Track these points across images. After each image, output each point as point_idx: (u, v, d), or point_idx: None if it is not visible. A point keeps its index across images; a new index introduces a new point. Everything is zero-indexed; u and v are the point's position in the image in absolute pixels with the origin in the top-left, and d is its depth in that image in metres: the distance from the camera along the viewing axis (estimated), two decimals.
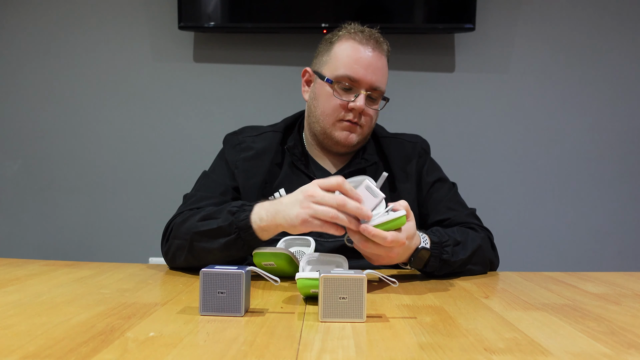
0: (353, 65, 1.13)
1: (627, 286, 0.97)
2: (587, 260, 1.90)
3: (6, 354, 0.53)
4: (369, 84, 1.14)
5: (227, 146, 1.25)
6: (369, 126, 1.19)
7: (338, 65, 1.15)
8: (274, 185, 1.18)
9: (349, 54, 1.14)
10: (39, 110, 1.91)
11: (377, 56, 1.15)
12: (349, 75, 1.13)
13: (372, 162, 1.21)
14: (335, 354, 0.55)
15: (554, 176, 1.90)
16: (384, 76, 1.17)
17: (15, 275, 0.96)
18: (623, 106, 1.89)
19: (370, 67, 1.14)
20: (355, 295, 0.68)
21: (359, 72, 1.13)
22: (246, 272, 0.71)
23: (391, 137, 1.28)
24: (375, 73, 1.14)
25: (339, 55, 1.16)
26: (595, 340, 0.62)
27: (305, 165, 1.20)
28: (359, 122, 1.16)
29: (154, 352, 0.55)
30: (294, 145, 1.21)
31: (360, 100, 1.13)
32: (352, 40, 1.15)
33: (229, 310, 0.70)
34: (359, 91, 1.14)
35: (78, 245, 1.91)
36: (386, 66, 1.18)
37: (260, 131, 1.25)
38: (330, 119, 1.16)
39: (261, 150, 1.21)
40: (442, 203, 1.19)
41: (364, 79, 1.13)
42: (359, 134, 1.17)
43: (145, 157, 1.90)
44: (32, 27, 1.89)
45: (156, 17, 1.88)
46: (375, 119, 1.21)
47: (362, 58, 1.14)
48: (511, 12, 1.88)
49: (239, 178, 1.18)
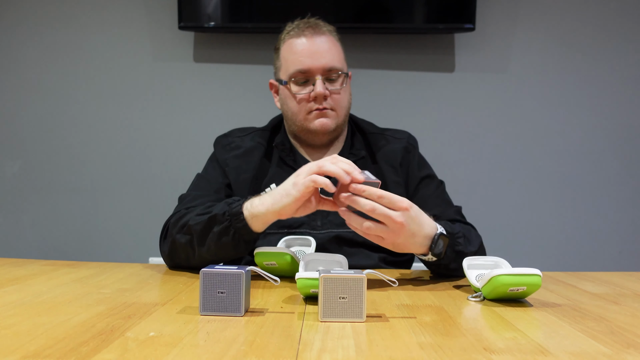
0: (298, 59, 1.17)
1: (627, 286, 0.97)
2: (586, 260, 1.90)
3: (6, 354, 0.53)
4: (321, 68, 1.16)
5: (217, 147, 1.28)
6: (342, 106, 1.21)
7: (287, 66, 1.19)
8: (265, 181, 1.20)
9: (292, 51, 1.18)
10: (39, 110, 1.91)
11: (318, 39, 1.18)
12: (298, 69, 1.17)
13: (360, 157, 1.23)
14: (335, 354, 0.55)
15: (554, 176, 1.90)
16: (334, 55, 1.19)
17: (15, 275, 0.96)
18: (623, 106, 1.89)
19: (314, 53, 1.16)
20: (355, 295, 0.68)
21: (306, 62, 1.16)
22: (246, 272, 0.71)
23: (379, 133, 1.30)
24: (323, 56, 1.17)
25: (284, 56, 1.21)
26: (595, 340, 0.62)
27: (294, 160, 1.22)
28: (327, 107, 1.18)
29: (154, 352, 0.55)
30: (282, 142, 1.24)
31: (318, 86, 1.16)
32: (291, 38, 1.19)
33: (229, 310, 0.70)
34: (314, 79, 1.17)
35: (78, 245, 1.91)
36: (334, 43, 1.20)
37: (248, 131, 1.29)
38: (301, 115, 1.19)
39: (250, 148, 1.24)
40: (430, 199, 1.19)
41: (313, 65, 1.16)
42: (333, 117, 1.19)
43: (145, 157, 1.90)
44: (31, 27, 1.89)
45: (156, 17, 1.88)
46: (347, 98, 1.23)
47: (303, 49, 1.17)
48: (511, 12, 1.88)
49: (230, 175, 1.21)
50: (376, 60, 1.88)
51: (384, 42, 1.87)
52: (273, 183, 1.18)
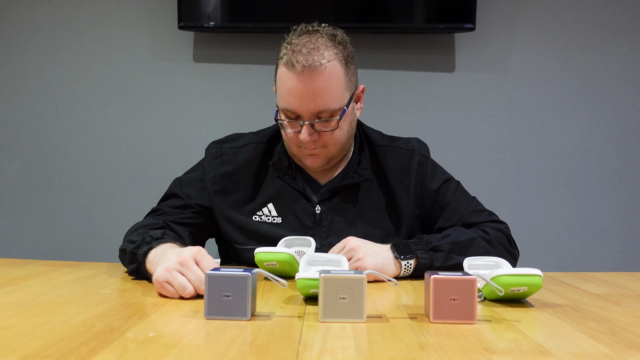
0: (287, 97, 1.05)
1: (628, 286, 0.97)
2: (587, 260, 1.90)
3: (6, 354, 0.53)
4: (309, 112, 1.05)
5: (208, 157, 1.20)
6: (335, 143, 1.10)
7: (279, 96, 1.09)
8: (259, 198, 1.15)
9: (283, 84, 1.06)
10: (38, 110, 1.90)
11: (311, 76, 1.03)
12: (287, 108, 1.06)
13: (365, 178, 1.15)
14: (336, 354, 0.55)
15: (554, 176, 1.90)
16: (327, 95, 1.05)
17: (15, 275, 0.96)
18: (623, 106, 1.89)
19: (303, 95, 1.04)
20: (355, 295, 0.68)
21: (294, 104, 1.05)
22: (252, 274, 0.70)
23: (387, 145, 1.21)
24: (313, 99, 1.04)
25: (278, 84, 1.09)
26: (596, 341, 0.62)
27: (293, 178, 1.15)
28: (317, 147, 1.09)
29: (154, 352, 0.55)
30: (279, 159, 1.15)
31: (303, 133, 1.06)
32: (284, 66, 1.05)
33: (234, 314, 0.68)
34: (302, 121, 1.06)
35: (78, 246, 1.91)
36: (331, 77, 1.05)
37: (244, 142, 1.20)
38: (293, 148, 1.12)
39: (242, 164, 1.16)
40: (448, 207, 1.16)
41: (300, 109, 1.05)
42: (324, 155, 1.10)
43: (144, 157, 1.90)
44: (31, 27, 1.89)
45: (156, 17, 1.88)
46: (343, 131, 1.11)
47: (293, 87, 1.04)
48: (511, 12, 1.88)
49: (217, 196, 1.15)
50: (376, 60, 1.88)
51: (384, 42, 1.87)
52: (270, 203, 1.14)
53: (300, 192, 1.14)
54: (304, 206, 1.14)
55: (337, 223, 1.13)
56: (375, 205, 1.16)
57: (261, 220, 1.14)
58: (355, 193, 1.16)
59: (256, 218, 1.14)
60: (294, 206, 1.14)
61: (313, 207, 1.14)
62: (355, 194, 1.16)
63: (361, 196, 1.15)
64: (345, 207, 1.15)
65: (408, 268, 1.01)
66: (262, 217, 1.14)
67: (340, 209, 1.14)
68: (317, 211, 1.13)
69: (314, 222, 1.13)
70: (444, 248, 1.02)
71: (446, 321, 0.68)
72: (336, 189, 1.14)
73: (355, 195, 1.16)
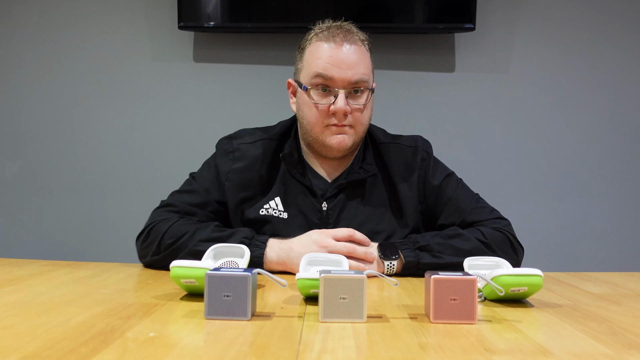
0: (324, 65, 1.08)
1: (628, 286, 0.97)
2: (587, 260, 1.90)
3: (6, 354, 0.53)
4: (346, 80, 1.08)
5: (220, 152, 1.21)
6: (362, 123, 1.13)
7: (310, 70, 1.10)
8: (269, 194, 1.16)
9: (319, 55, 1.09)
10: (38, 110, 1.90)
11: (349, 48, 1.08)
12: (322, 74, 1.08)
13: (371, 174, 1.17)
14: (336, 355, 0.55)
15: (554, 176, 1.90)
16: (363, 67, 1.10)
17: (15, 275, 0.96)
18: (623, 106, 1.89)
19: (343, 62, 1.07)
20: (356, 295, 0.68)
21: (332, 71, 1.07)
22: (253, 274, 0.70)
23: (391, 142, 1.23)
24: (351, 67, 1.07)
25: (309, 58, 1.11)
26: (596, 341, 0.62)
27: (302, 173, 1.17)
28: (347, 124, 1.10)
29: (154, 352, 0.55)
30: (290, 153, 1.17)
31: (340, 101, 1.07)
32: (319, 41, 1.10)
33: (235, 315, 0.68)
34: (337, 91, 1.08)
35: (78, 245, 1.91)
36: (365, 55, 1.12)
37: (255, 138, 1.21)
38: (318, 127, 1.11)
39: (254, 159, 1.17)
40: (450, 203, 1.18)
41: (338, 76, 1.07)
42: (351, 135, 1.12)
43: (144, 157, 1.90)
44: (31, 27, 1.89)
45: (156, 17, 1.88)
46: (368, 114, 1.15)
47: (332, 55, 1.07)
48: (511, 12, 1.88)
49: (230, 191, 1.16)
50: (376, 60, 1.86)
51: (384, 42, 1.87)
52: (277, 197, 1.16)
53: (307, 188, 1.16)
54: (310, 203, 1.15)
55: (343, 220, 1.15)
56: (380, 202, 1.17)
57: (268, 213, 1.15)
58: (361, 189, 1.18)
59: (263, 212, 1.15)
60: (301, 202, 1.16)
61: (319, 203, 1.15)
62: (361, 190, 1.18)
63: (366, 193, 1.17)
64: (350, 204, 1.16)
65: (391, 268, 1.03)
66: (269, 210, 1.15)
67: (346, 206, 1.16)
68: (323, 208, 1.15)
69: (319, 218, 1.14)
70: (432, 247, 1.03)
71: (446, 321, 0.68)
72: (343, 185, 1.16)
73: (361, 192, 1.18)
